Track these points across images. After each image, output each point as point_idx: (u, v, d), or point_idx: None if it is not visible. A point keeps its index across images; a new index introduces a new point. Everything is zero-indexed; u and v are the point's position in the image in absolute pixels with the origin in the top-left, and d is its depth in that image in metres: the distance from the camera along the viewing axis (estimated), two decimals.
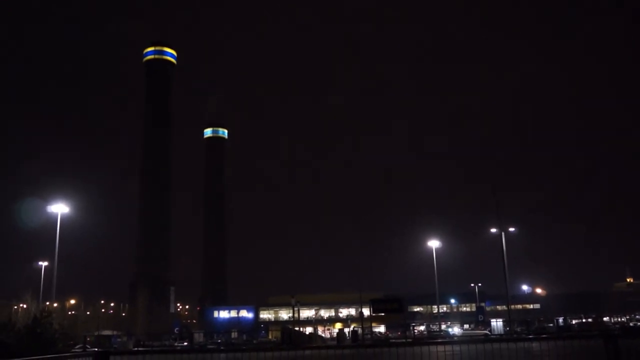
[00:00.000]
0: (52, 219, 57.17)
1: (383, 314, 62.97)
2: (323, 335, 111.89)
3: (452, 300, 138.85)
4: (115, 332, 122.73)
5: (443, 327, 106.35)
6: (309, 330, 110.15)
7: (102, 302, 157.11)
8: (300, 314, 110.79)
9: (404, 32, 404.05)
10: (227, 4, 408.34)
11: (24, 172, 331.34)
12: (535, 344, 16.32)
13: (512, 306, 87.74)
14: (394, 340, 69.71)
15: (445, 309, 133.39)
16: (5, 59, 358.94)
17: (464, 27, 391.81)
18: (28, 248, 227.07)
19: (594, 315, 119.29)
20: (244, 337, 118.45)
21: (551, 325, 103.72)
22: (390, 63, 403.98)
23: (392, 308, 58.43)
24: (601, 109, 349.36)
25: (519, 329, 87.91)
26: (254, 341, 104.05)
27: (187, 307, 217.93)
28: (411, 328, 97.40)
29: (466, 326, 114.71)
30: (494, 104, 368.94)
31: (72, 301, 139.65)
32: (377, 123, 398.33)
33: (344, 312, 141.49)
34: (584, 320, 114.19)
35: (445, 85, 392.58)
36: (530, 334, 73.61)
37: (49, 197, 59.11)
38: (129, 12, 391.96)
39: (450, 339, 55.02)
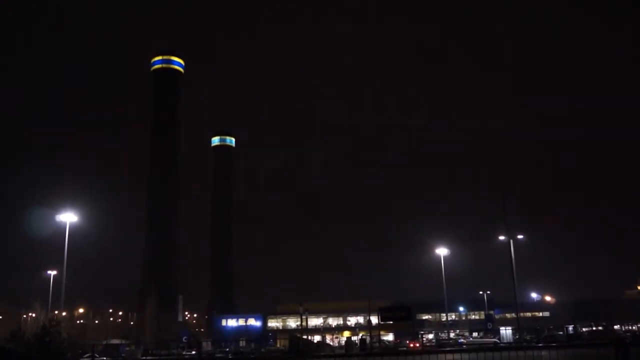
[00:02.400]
0: (60, 228, 57.42)
1: (391, 322, 62.79)
2: (331, 343, 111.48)
3: (461, 308, 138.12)
4: (123, 341, 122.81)
5: (452, 335, 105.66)
6: (317, 338, 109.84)
7: (111, 310, 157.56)
8: (309, 322, 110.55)
9: (402, 33, 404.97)
10: (228, 7, 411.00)
11: (31, 181, 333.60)
12: (544, 352, 16.21)
13: (521, 314, 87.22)
14: (408, 349, 69.38)
15: (453, 316, 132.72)
16: (10, 66, 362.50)
17: (462, 30, 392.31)
18: (37, 257, 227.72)
19: (604, 324, 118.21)
20: (252, 345, 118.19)
21: (561, 333, 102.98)
22: (391, 66, 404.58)
23: (400, 316, 58.31)
24: (604, 110, 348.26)
25: (528, 337, 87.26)
26: (262, 350, 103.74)
27: (195, 315, 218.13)
28: (420, 336, 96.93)
29: (475, 334, 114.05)
30: (499, 109, 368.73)
31: (81, 310, 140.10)
32: (379, 125, 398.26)
33: (352, 321, 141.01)
34: (594, 328, 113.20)
35: (449, 90, 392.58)
36: (539, 342, 73.03)
37: (57, 206, 59.45)
38: (135, 19, 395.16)
39: (458, 347, 54.69)
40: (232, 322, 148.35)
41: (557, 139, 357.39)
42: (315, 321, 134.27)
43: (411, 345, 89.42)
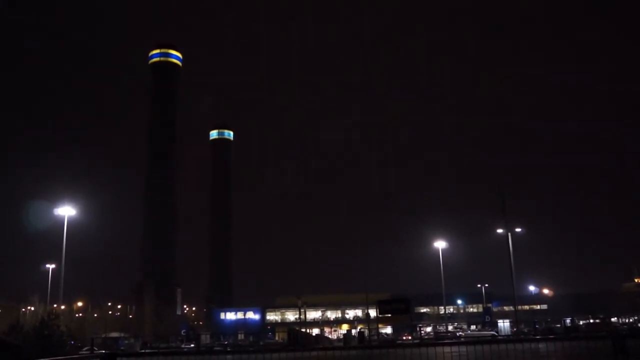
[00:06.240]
0: (59, 222, 57.27)
1: (390, 315, 62.85)
2: (329, 336, 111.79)
3: (459, 301, 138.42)
4: (122, 334, 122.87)
5: (450, 328, 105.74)
6: (315, 331, 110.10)
7: (109, 304, 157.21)
8: (307, 315, 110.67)
9: (402, 33, 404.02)
10: (229, 2, 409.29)
11: (29, 174, 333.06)
12: (542, 345, 16.25)
13: (519, 307, 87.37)
14: (400, 341, 69.55)
15: (452, 309, 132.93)
16: (9, 61, 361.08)
17: (465, 30, 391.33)
18: (35, 250, 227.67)
19: (601, 316, 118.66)
20: (251, 338, 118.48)
21: (558, 325, 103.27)
22: (391, 65, 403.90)
23: (398, 309, 58.32)
24: (602, 107, 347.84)
25: (526, 330, 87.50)
26: (261, 342, 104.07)
27: (193, 308, 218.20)
28: (418, 329, 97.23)
29: (473, 327, 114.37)
30: (498, 105, 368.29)
31: (80, 303, 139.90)
32: (381, 121, 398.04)
33: (350, 313, 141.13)
34: (591, 320, 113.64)
35: (449, 86, 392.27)
36: (537, 335, 73.25)
37: (55, 199, 59.29)
38: (133, 12, 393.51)
39: (456, 340, 54.86)
40: (230, 316, 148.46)
41: (557, 134, 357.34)
42: (313, 314, 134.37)
43: (403, 338, 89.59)
